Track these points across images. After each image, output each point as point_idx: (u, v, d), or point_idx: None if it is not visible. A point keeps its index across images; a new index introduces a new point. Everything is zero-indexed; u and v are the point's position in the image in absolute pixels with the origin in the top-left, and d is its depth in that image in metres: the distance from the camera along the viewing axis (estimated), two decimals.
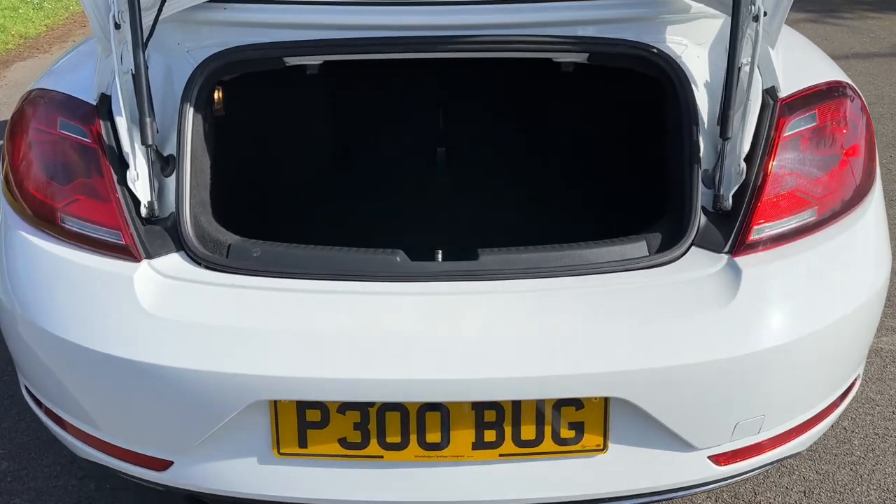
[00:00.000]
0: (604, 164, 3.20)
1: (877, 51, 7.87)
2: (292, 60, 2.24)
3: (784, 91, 2.16)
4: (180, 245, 2.06)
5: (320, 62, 2.43)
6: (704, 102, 2.20)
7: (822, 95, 2.18)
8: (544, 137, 3.36)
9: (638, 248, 2.08)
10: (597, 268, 2.04)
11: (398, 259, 2.02)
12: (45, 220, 2.09)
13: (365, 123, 3.43)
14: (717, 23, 2.28)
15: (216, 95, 2.44)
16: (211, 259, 2.03)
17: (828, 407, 2.08)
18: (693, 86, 2.31)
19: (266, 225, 2.59)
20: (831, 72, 2.35)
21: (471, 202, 3.16)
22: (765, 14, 2.14)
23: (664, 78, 2.22)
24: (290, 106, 3.20)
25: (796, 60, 2.32)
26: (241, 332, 2.00)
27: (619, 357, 1.96)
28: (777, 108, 2.14)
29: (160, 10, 2.23)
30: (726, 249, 2.08)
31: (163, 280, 2.00)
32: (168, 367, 2.00)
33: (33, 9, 8.87)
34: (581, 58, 2.25)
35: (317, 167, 3.33)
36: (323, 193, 3.28)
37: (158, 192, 2.13)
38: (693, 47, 2.29)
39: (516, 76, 3.29)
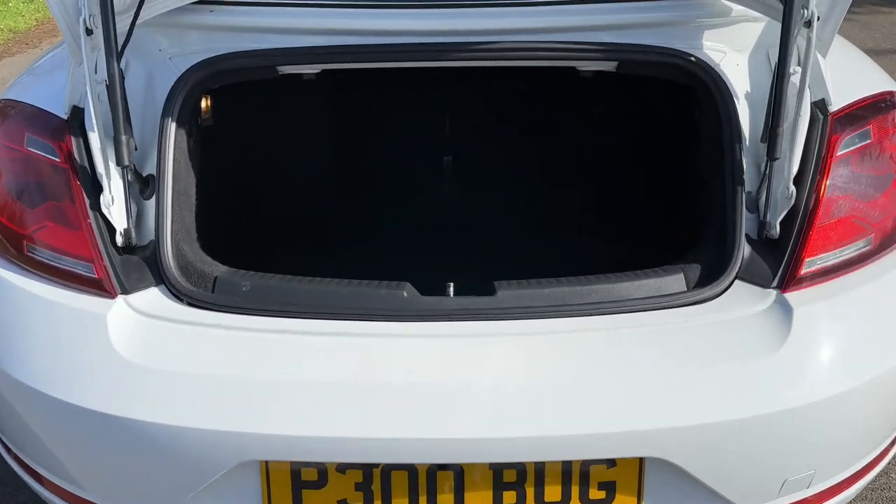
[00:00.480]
0: (631, 183, 2.94)
1: (889, 47, 7.63)
2: (287, 69, 2.03)
3: (834, 104, 1.97)
4: (160, 278, 1.88)
5: (318, 71, 2.19)
6: (745, 116, 2.01)
7: (876, 108, 2.01)
8: (563, 153, 3.10)
9: (675, 281, 1.88)
10: (629, 305, 1.85)
11: (405, 294, 1.84)
12: (10, 247, 1.90)
13: (368, 136, 3.17)
14: (757, 27, 2.09)
15: (204, 105, 2.41)
16: (194, 295, 1.84)
17: (882, 452, 1.93)
18: (734, 98, 2.08)
19: (259, 252, 2.39)
20: (881, 80, 2.18)
21: (484, 226, 2.90)
22: (818, 18, 1.90)
23: (701, 88, 2.04)
24: (287, 117, 2.95)
25: (841, 67, 2.10)
26: (227, 382, 1.77)
27: (657, 413, 1.73)
28: (828, 123, 1.94)
29: (137, 14, 1.99)
30: (774, 284, 1.88)
31: (140, 319, 1.82)
32: (145, 422, 1.77)
33: (23, 2, 8.57)
34: (608, 66, 2.07)
35: (316, 186, 3.08)
36: (322, 216, 3.02)
37: (137, 217, 1.95)
38: (732, 54, 2.09)
39: (531, 84, 3.04)
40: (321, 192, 3.07)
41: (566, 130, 3.09)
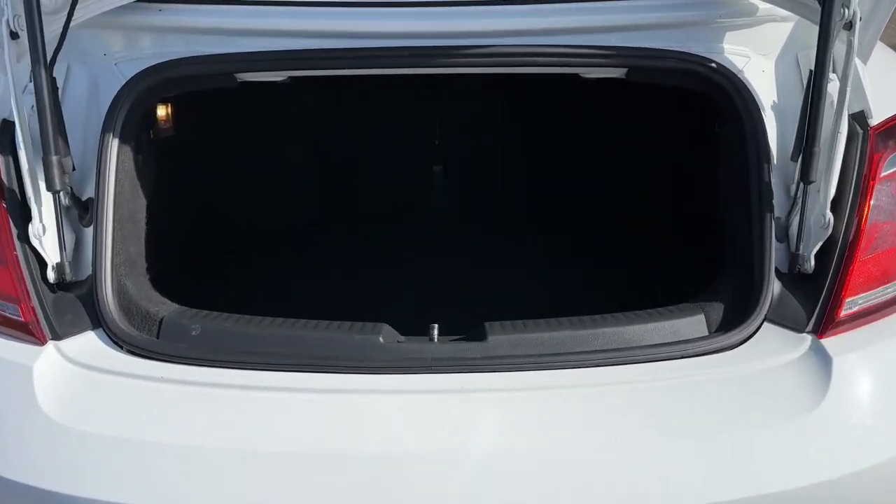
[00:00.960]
0: (642, 206, 2.68)
1: None
2: (247, 77, 1.78)
3: (875, 117, 1.76)
4: (98, 321, 1.67)
5: (283, 78, 1.92)
6: (772, 131, 1.81)
7: None
8: (563, 170, 2.83)
9: (694, 324, 1.68)
10: (641, 354, 1.63)
11: (381, 340, 1.64)
12: None
13: (348, 149, 2.90)
14: (785, 28, 1.89)
15: (162, 114, 2.17)
16: (135, 341, 1.64)
17: None
18: (760, 109, 1.82)
19: (216, 287, 2.14)
20: None
21: (472, 256, 2.62)
22: (860, 19, 1.63)
23: (722, 98, 1.84)
24: (257, 127, 2.67)
25: (879, 73, 1.89)
26: (170, 452, 1.52)
27: (677, 492, 1.46)
28: (869, 139, 1.73)
29: (71, 14, 1.71)
30: (809, 328, 1.66)
31: (72, 370, 1.62)
32: (73, 497, 1.50)
33: None
34: (616, 73, 1.87)
35: (287, 207, 2.79)
36: (295, 240, 2.73)
37: (74, 248, 1.74)
38: (756, 59, 1.89)
39: (528, 94, 2.76)
40: (293, 213, 2.79)
41: (566, 145, 2.81)
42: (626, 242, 2.57)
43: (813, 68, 1.67)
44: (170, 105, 2.24)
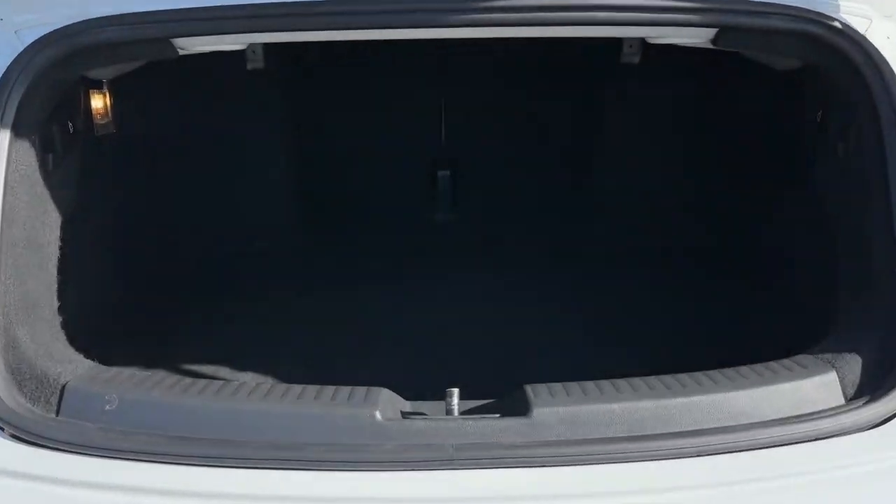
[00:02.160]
0: (717, 221, 2.24)
1: None
2: (190, 44, 1.46)
3: None
4: None
5: (241, 47, 1.42)
6: None
7: None
8: (606, 171, 2.43)
9: (824, 386, 1.27)
10: (757, 436, 1.18)
11: (379, 416, 1.23)
12: None
13: (338, 146, 2.52)
14: None
15: (97, 105, 1.82)
16: (22, 422, 1.22)
17: None
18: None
19: (154, 334, 1.77)
20: None
21: (493, 288, 2.17)
22: None
23: (846, 75, 1.44)
24: (216, 124, 2.25)
25: None
26: None
27: None
28: None
29: None
30: None
31: None
32: None
33: None
34: (701, 36, 1.48)
35: (261, 219, 2.37)
36: (269, 265, 2.29)
37: None
38: (881, 22, 1.50)
39: (563, 69, 2.40)
40: (264, 235, 2.35)
41: (611, 138, 2.41)
42: (696, 267, 2.18)
43: None
44: (106, 92, 1.87)
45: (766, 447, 1.19)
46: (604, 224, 2.37)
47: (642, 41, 1.55)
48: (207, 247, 2.21)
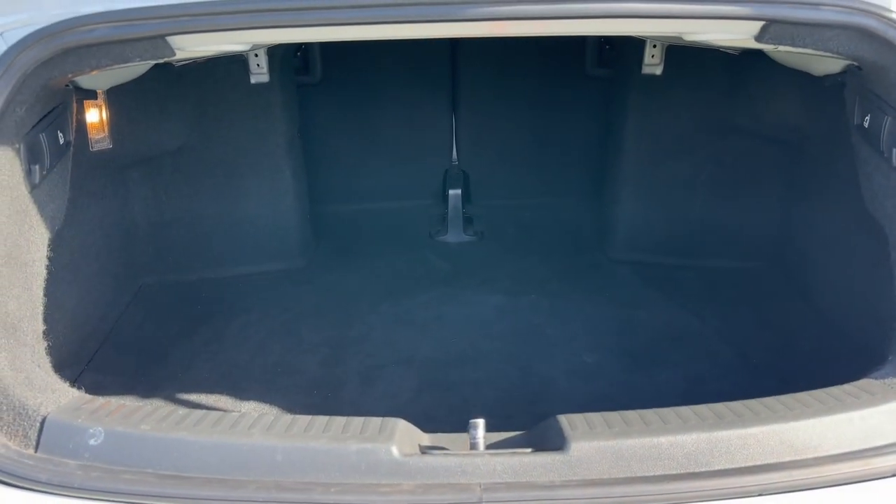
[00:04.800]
0: (750, 238, 2.11)
1: None
2: (186, 44, 1.32)
3: None
4: None
5: (245, 48, 1.31)
6: None
7: None
8: (625, 193, 2.29)
9: None
10: (825, 473, 1.04)
11: (395, 452, 1.09)
12: None
13: (345, 165, 2.44)
14: None
15: (92, 117, 1.71)
16: (0, 464, 1.09)
17: None
18: None
19: (150, 359, 1.63)
20: None
21: (511, 308, 2.03)
22: None
23: None
24: (217, 133, 2.11)
25: None
26: None
27: None
28: None
29: None
30: None
31: None
32: None
33: None
34: (745, 32, 1.33)
35: (258, 252, 2.22)
36: (260, 297, 2.13)
37: None
38: None
39: (573, 87, 2.32)
40: (275, 247, 2.23)
41: (632, 156, 2.25)
42: (726, 293, 2.03)
43: None
44: (102, 104, 1.76)
45: (838, 485, 1.05)
46: (626, 243, 2.23)
47: (665, 48, 1.42)
48: (208, 267, 2.09)
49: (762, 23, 1.30)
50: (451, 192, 2.43)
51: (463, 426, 1.18)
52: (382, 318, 1.97)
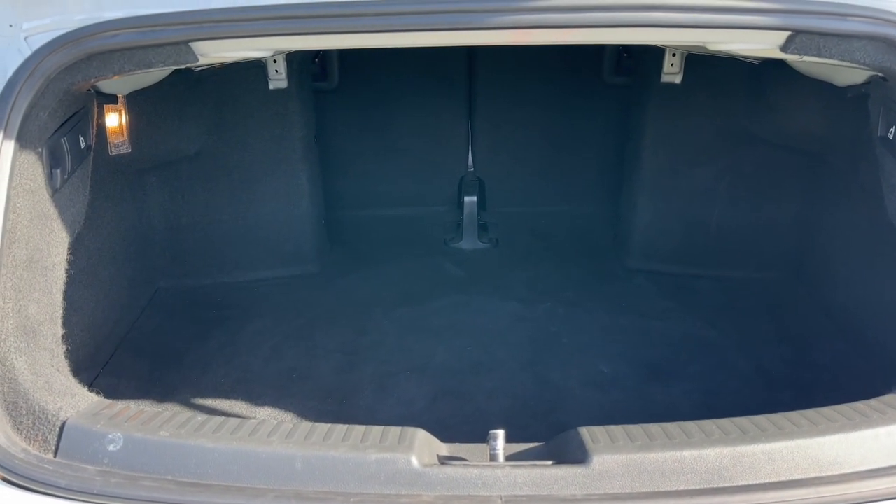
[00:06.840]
0: (770, 251, 2.09)
1: None
2: (209, 49, 1.33)
3: None
4: None
5: (268, 54, 1.30)
6: None
7: None
8: (644, 201, 2.28)
9: None
10: (850, 490, 1.03)
11: (415, 462, 1.08)
12: None
13: (361, 173, 2.44)
14: None
15: (112, 121, 1.72)
16: (18, 468, 1.09)
17: None
18: None
19: (171, 363, 1.64)
20: None
21: (526, 316, 2.03)
22: None
23: None
24: (235, 138, 2.12)
25: None
26: None
27: None
28: None
29: None
30: None
31: None
32: None
33: None
34: (770, 42, 1.30)
35: (277, 257, 2.23)
36: (278, 302, 2.14)
37: None
38: None
39: (590, 95, 2.31)
40: (290, 253, 2.24)
41: (650, 165, 2.25)
42: (744, 305, 2.02)
43: None
44: (122, 108, 1.77)
45: (864, 502, 1.02)
46: (643, 252, 2.23)
47: (685, 56, 1.41)
48: (223, 271, 2.10)
49: (788, 33, 1.28)
50: (466, 198, 2.44)
51: (478, 435, 1.18)
52: (397, 324, 1.96)
